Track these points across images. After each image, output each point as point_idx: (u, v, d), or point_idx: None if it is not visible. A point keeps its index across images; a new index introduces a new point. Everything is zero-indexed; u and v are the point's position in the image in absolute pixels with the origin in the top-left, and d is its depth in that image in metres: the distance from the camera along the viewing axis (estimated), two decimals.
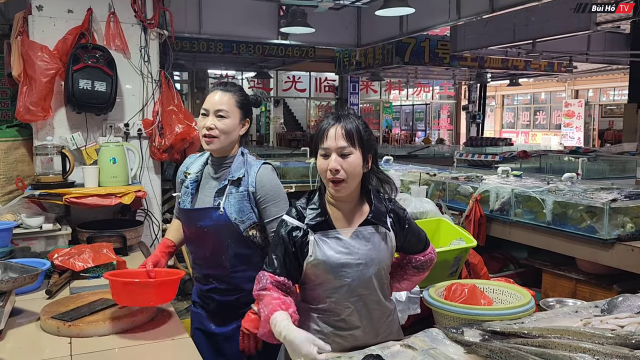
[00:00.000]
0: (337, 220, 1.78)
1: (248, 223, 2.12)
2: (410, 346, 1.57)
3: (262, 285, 1.72)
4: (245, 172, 2.14)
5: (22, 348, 1.84)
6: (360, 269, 1.75)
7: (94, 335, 1.92)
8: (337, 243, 1.75)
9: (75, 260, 2.61)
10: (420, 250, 1.92)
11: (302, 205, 1.81)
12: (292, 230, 1.76)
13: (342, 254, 1.75)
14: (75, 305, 2.10)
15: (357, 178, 1.75)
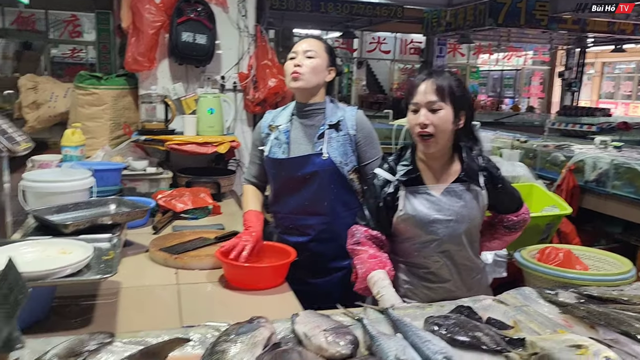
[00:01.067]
0: (428, 177, 1.79)
1: (350, 166, 2.17)
2: (502, 302, 1.58)
3: (357, 240, 1.77)
4: (342, 116, 2.17)
5: (135, 274, 2.02)
6: (450, 226, 1.76)
7: (196, 268, 2.07)
8: (427, 199, 1.76)
9: (177, 202, 2.81)
10: (513, 211, 1.89)
11: (393, 160, 1.83)
12: (384, 184, 1.80)
13: (432, 210, 1.76)
14: (179, 241, 2.28)
15: (446, 134, 1.73)
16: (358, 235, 1.78)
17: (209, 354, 1.18)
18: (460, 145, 1.80)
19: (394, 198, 1.77)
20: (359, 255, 1.76)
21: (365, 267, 1.71)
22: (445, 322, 1.36)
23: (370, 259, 1.72)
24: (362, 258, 1.74)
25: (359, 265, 1.74)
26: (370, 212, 1.80)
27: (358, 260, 1.75)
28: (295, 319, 1.36)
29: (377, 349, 1.22)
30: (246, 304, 1.80)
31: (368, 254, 1.74)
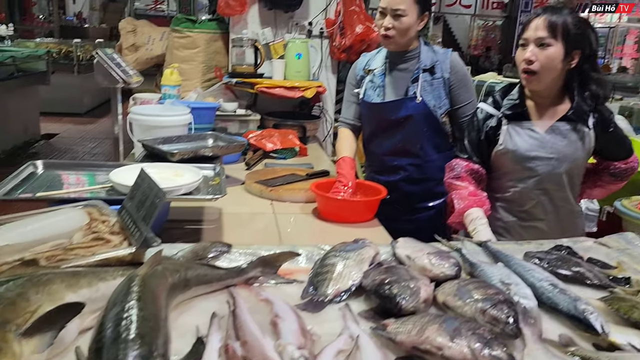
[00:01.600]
0: (534, 113, 1.76)
1: (443, 110, 2.17)
2: (603, 244, 1.56)
3: (456, 174, 1.79)
4: (437, 59, 2.16)
5: (234, 203, 2.15)
6: (551, 164, 1.74)
7: (290, 201, 2.17)
8: (530, 135, 1.75)
9: (266, 142, 2.91)
10: (622, 158, 1.83)
11: (499, 95, 1.82)
12: (487, 118, 1.79)
13: (533, 146, 1.74)
14: (272, 176, 2.38)
15: (552, 72, 1.67)
16: (458, 170, 1.80)
17: (319, 267, 1.26)
18: (573, 85, 1.74)
19: (496, 132, 1.77)
20: (458, 191, 1.78)
21: (463, 203, 1.73)
22: (547, 257, 1.37)
23: (470, 196, 1.73)
24: (461, 194, 1.76)
25: (457, 200, 1.76)
26: (471, 145, 1.80)
27: (457, 195, 1.77)
28: (396, 244, 1.41)
29: (479, 274, 1.26)
30: (340, 234, 1.87)
31: (468, 190, 1.75)
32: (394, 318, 1.04)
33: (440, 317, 0.97)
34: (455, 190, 1.79)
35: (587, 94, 1.76)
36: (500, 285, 1.16)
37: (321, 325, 1.06)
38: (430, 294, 1.11)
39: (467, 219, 1.70)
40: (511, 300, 1.05)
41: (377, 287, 1.12)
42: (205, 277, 1.14)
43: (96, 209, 1.40)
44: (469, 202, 1.72)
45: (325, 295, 1.17)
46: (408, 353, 0.95)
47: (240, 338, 0.94)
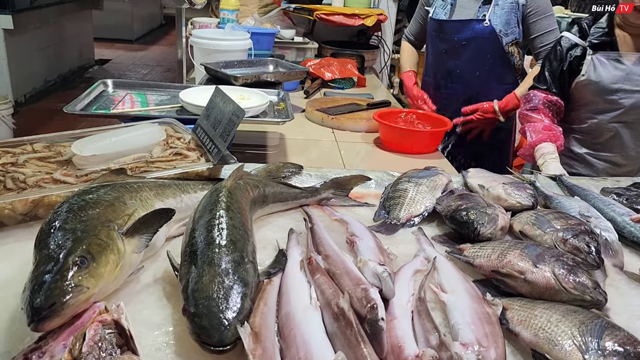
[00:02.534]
0: (623, 44, 1.65)
1: (511, 37, 2.06)
2: None
3: (533, 105, 1.72)
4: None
5: (295, 129, 2.15)
6: (635, 97, 1.65)
7: (351, 130, 2.15)
8: (616, 67, 1.65)
9: (325, 70, 2.87)
10: None
11: (587, 23, 1.72)
12: (571, 47, 1.70)
13: (618, 78, 1.65)
14: (333, 105, 2.36)
15: None
16: (535, 101, 1.73)
17: (391, 191, 1.27)
18: None
19: (580, 62, 1.68)
20: (532, 123, 1.72)
21: (536, 137, 1.68)
22: (626, 193, 1.32)
23: (544, 130, 1.68)
24: (535, 126, 1.71)
25: (530, 132, 1.71)
26: (552, 75, 1.73)
27: (531, 127, 1.72)
28: (467, 173, 1.39)
29: (556, 206, 1.23)
30: (404, 164, 1.86)
31: (543, 124, 1.69)
32: (469, 243, 1.05)
33: (521, 244, 0.96)
34: (530, 123, 1.73)
35: None
36: (580, 218, 1.13)
37: (396, 246, 1.07)
38: (507, 222, 1.10)
39: (538, 153, 1.65)
40: (593, 231, 1.03)
41: (453, 212, 1.11)
42: (281, 194, 1.16)
43: (170, 126, 1.42)
44: (543, 135, 1.67)
45: (398, 219, 1.17)
46: (487, 277, 0.95)
47: (321, 252, 0.96)
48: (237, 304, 0.73)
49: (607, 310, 0.84)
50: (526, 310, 0.81)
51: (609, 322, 0.74)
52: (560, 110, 1.74)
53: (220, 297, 0.73)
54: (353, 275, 0.86)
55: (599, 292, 0.83)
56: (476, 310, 0.81)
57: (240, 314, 0.72)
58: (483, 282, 0.95)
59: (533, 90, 1.76)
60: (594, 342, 0.71)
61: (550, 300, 0.85)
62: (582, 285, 0.84)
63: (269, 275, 0.87)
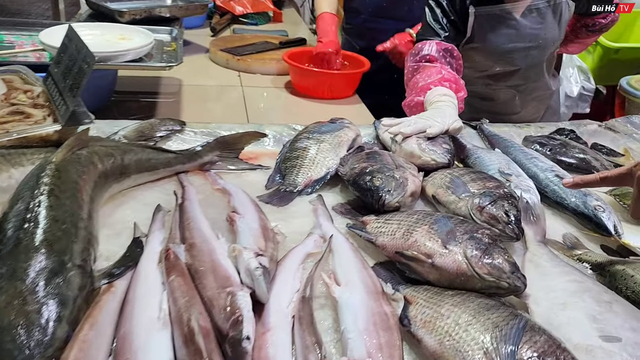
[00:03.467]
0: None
1: None
2: (610, 128, 1.39)
3: (425, 54, 1.36)
4: None
5: (196, 74, 1.89)
6: (531, 54, 1.46)
7: (260, 72, 1.92)
8: (505, 24, 1.41)
9: (235, 4, 2.57)
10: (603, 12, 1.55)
11: None
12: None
13: (509, 37, 1.42)
14: (241, 44, 2.10)
15: None
16: (427, 49, 1.35)
17: (288, 150, 1.07)
18: None
19: (464, 20, 1.39)
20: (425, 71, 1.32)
21: (430, 79, 1.29)
22: (549, 143, 1.20)
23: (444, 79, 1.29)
24: (430, 72, 1.31)
25: (424, 78, 1.30)
26: (438, 23, 1.39)
27: (424, 74, 1.32)
28: (379, 124, 1.22)
29: (475, 162, 1.09)
30: (316, 111, 1.67)
31: (441, 74, 1.30)
32: (375, 215, 0.88)
33: (431, 217, 0.80)
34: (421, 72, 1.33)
35: None
36: (499, 176, 0.99)
37: (288, 221, 0.89)
38: (418, 185, 0.94)
39: (430, 95, 1.25)
40: (512, 194, 0.89)
41: (357, 177, 0.94)
42: (148, 162, 0.94)
43: (18, 75, 1.15)
44: (441, 79, 1.28)
45: (295, 185, 0.99)
46: (391, 258, 0.79)
47: (186, 240, 0.76)
48: (42, 335, 0.53)
49: (526, 297, 0.70)
50: (432, 306, 0.66)
51: (528, 323, 0.60)
52: (459, 65, 1.39)
53: (18, 326, 0.53)
54: (220, 274, 0.68)
55: (516, 277, 0.69)
56: (372, 310, 0.66)
57: (47, 348, 0.53)
58: (386, 266, 0.79)
59: (422, 41, 1.40)
60: (509, 351, 0.57)
61: (462, 289, 0.70)
62: (498, 270, 0.69)
63: (111, 278, 0.67)
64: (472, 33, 1.42)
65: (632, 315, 0.65)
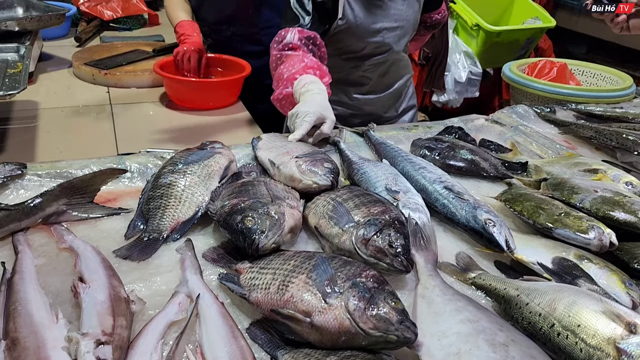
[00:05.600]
0: None
1: None
2: (496, 121, 1.37)
3: (287, 42, 1.29)
4: None
5: (57, 93, 1.68)
6: (397, 34, 1.44)
7: (132, 86, 1.74)
8: (374, 3, 1.38)
9: (104, 9, 2.34)
10: (436, 8, 1.59)
11: None
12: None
13: (379, 16, 1.39)
14: (110, 54, 1.90)
15: None
16: (289, 37, 1.29)
17: (151, 188, 0.93)
18: None
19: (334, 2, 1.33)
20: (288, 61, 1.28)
21: (295, 69, 1.24)
22: (438, 146, 1.14)
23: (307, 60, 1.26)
24: (293, 62, 1.26)
25: (288, 69, 1.25)
26: (302, 8, 1.32)
27: (287, 65, 1.26)
28: (258, 143, 1.10)
29: (361, 179, 1.00)
30: (194, 127, 1.53)
31: (304, 63, 1.25)
32: (249, 261, 0.77)
33: (309, 261, 0.70)
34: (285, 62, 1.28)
35: None
36: (387, 195, 0.92)
37: (149, 281, 0.76)
38: (298, 219, 0.84)
39: (299, 84, 1.20)
40: (399, 219, 0.82)
41: (227, 216, 0.82)
42: None
43: None
44: (305, 67, 1.24)
45: (159, 231, 0.85)
46: (267, 317, 0.69)
47: (9, 334, 0.61)
48: None
49: (419, 346, 0.63)
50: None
51: None
52: (322, 52, 1.34)
53: None
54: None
55: (406, 327, 0.61)
56: None
57: None
58: (264, 325, 0.69)
59: (285, 28, 1.32)
60: None
61: (347, 349, 0.61)
62: (385, 322, 0.61)
63: None
64: (344, 14, 1.36)
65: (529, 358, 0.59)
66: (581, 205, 0.91)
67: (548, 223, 0.87)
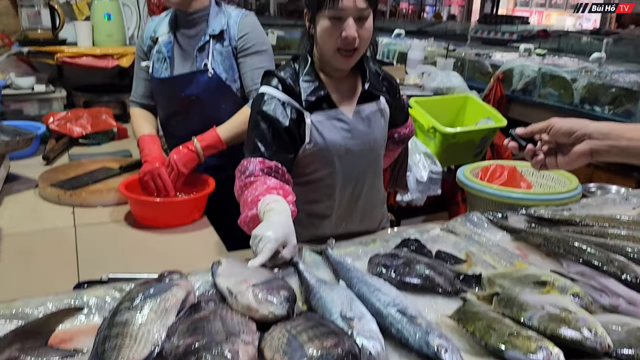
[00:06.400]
0: (335, 95, 1.46)
1: (240, 83, 1.86)
2: (451, 231, 1.42)
3: (249, 173, 1.35)
4: (226, 23, 1.84)
5: (22, 216, 1.69)
6: (365, 156, 1.51)
7: (98, 205, 1.77)
8: (341, 125, 1.44)
9: (73, 125, 2.42)
10: (403, 123, 1.70)
11: (290, 76, 1.43)
12: (280, 106, 1.39)
13: (345, 137, 1.45)
14: (76, 174, 1.94)
15: (367, 45, 1.41)
16: (251, 168, 1.36)
17: (107, 327, 0.93)
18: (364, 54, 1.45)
19: (299, 125, 1.40)
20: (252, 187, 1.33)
21: (258, 191, 1.29)
22: (394, 263, 1.17)
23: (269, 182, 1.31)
24: (256, 186, 1.31)
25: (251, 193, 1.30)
26: (262, 140, 1.38)
27: (251, 189, 1.32)
28: (217, 269, 1.12)
29: (317, 304, 1.02)
30: (158, 247, 1.54)
31: (267, 185, 1.31)
32: None
33: None
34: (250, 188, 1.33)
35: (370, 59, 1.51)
36: (341, 323, 0.93)
37: None
38: (252, 355, 0.84)
39: (263, 204, 1.24)
40: (352, 351, 0.83)
41: (182, 357, 0.82)
42: None
43: None
44: (268, 187, 1.29)
45: None
46: None
47: None
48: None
49: None
50: None
51: None
52: (286, 179, 1.38)
53: None
54: None
55: None
56: None
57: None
58: None
59: (247, 159, 1.38)
60: None
61: None
62: None
63: None
64: (311, 137, 1.43)
65: None
66: (530, 323, 0.94)
67: (499, 344, 0.89)
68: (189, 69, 1.86)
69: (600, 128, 1.12)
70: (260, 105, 1.40)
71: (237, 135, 1.78)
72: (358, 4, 1.30)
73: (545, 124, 1.18)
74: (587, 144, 1.12)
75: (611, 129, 1.11)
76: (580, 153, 1.14)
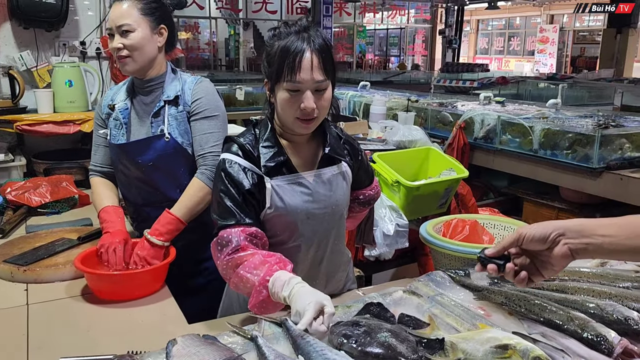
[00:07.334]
0: (294, 160, 1.47)
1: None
2: (414, 292, 1.41)
3: (235, 246, 1.33)
4: (181, 89, 1.86)
5: None
6: (326, 220, 1.50)
7: (55, 280, 1.70)
8: (301, 189, 1.45)
9: (31, 195, 2.36)
10: (368, 184, 1.72)
11: (248, 142, 1.44)
12: (240, 172, 1.40)
13: (306, 202, 1.45)
14: (32, 247, 1.88)
15: (326, 113, 1.44)
16: (235, 240, 1.33)
17: None
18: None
19: (260, 191, 1.40)
20: (246, 262, 1.32)
21: (262, 271, 1.28)
22: (355, 332, 1.15)
23: (267, 258, 1.31)
24: (252, 263, 1.31)
25: (251, 272, 1.30)
26: (234, 203, 1.38)
27: (246, 267, 1.31)
28: (172, 350, 1.08)
29: None
30: (116, 322, 1.48)
31: (260, 257, 1.32)
32: None
33: None
34: (243, 264, 1.32)
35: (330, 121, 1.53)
36: None
37: None
38: None
39: (276, 286, 1.25)
40: None
41: None
42: None
43: None
44: (269, 265, 1.29)
45: None
46: None
47: None
48: None
49: None
50: None
51: None
52: (263, 242, 1.39)
53: None
54: None
55: None
56: None
57: None
58: None
59: (225, 229, 1.36)
60: None
61: None
62: None
63: None
64: (271, 202, 1.42)
65: None
66: None
67: None
68: (145, 135, 1.85)
69: (571, 226, 1.07)
70: (226, 169, 1.41)
71: (192, 210, 1.76)
72: (315, 77, 1.33)
73: (514, 236, 1.12)
74: (564, 244, 1.06)
75: (582, 225, 1.06)
76: (562, 255, 1.07)
